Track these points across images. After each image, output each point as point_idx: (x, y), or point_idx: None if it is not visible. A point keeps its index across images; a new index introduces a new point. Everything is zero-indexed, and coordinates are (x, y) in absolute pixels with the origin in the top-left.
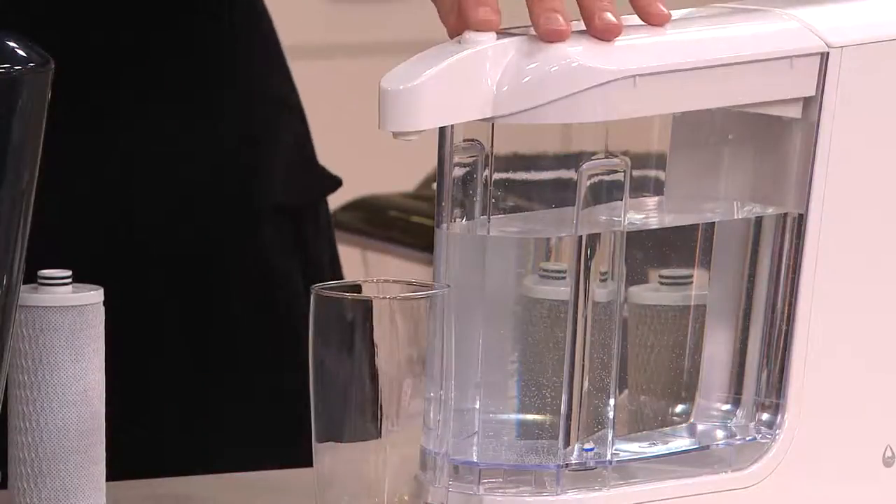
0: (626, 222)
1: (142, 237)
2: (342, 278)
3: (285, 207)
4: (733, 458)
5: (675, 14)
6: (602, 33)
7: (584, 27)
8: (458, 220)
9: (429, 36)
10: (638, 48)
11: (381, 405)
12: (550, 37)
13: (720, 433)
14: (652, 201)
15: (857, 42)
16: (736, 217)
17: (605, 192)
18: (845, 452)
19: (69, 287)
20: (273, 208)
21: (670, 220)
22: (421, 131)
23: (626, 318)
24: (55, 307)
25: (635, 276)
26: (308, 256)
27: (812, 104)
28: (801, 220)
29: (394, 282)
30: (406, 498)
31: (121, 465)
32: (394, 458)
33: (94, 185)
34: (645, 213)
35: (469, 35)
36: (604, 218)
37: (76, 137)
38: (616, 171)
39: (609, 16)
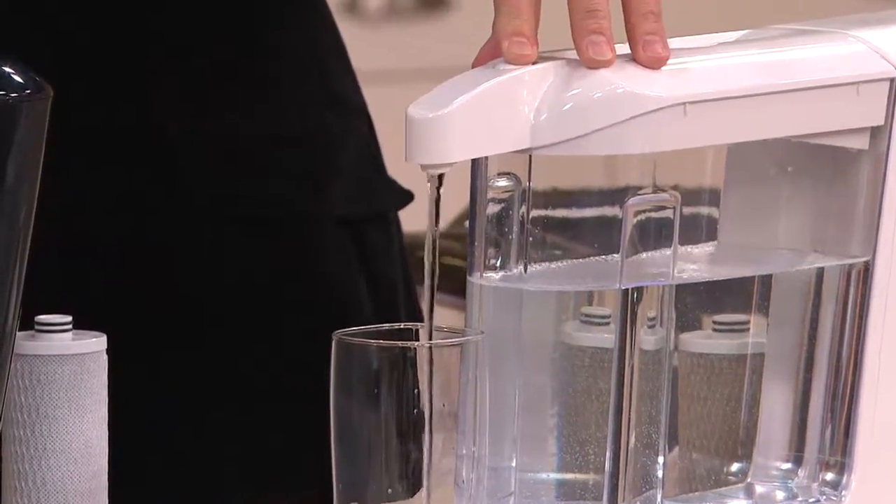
0: (676, 273)
1: (163, 269)
2: (417, 305)
3: (350, 220)
4: None
5: (730, 36)
6: (649, 63)
7: (629, 50)
8: (492, 261)
9: (461, 61)
10: (689, 73)
11: (409, 463)
12: (594, 66)
13: (780, 494)
14: (703, 251)
15: None
16: (796, 269)
17: (652, 232)
18: None
19: (69, 334)
20: (336, 221)
21: (724, 273)
22: (451, 164)
23: (677, 368)
24: (54, 356)
25: (687, 322)
26: (377, 278)
27: (880, 134)
28: (867, 268)
29: (423, 328)
30: None
31: None
32: None
33: (98, 220)
34: (696, 264)
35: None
36: (651, 270)
37: (74, 169)
38: (665, 208)
39: (657, 46)
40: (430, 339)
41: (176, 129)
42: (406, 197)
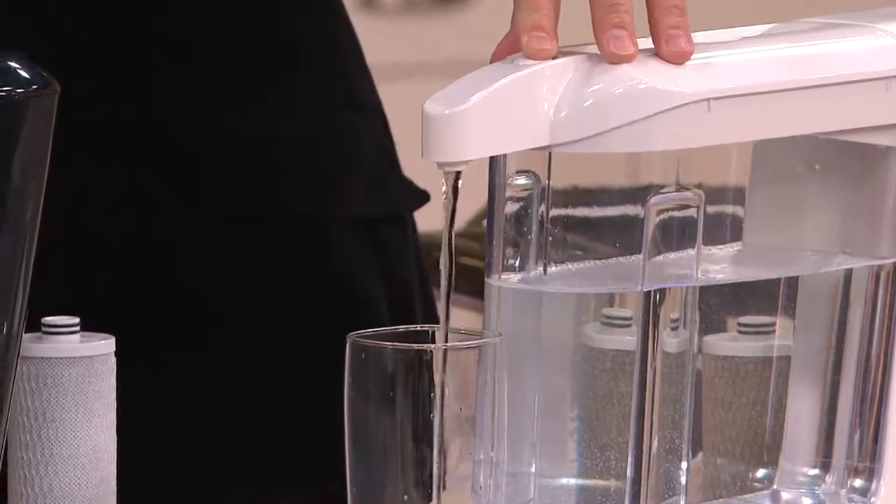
0: (700, 274)
1: (167, 269)
2: (433, 306)
3: (364, 221)
4: None
5: (756, 30)
6: (672, 58)
7: (651, 44)
8: (510, 261)
9: (478, 56)
10: (713, 68)
11: (425, 468)
12: (615, 60)
13: (807, 501)
14: (727, 252)
15: None
16: (823, 271)
17: (675, 232)
18: None
19: (77, 336)
20: (352, 221)
21: (749, 275)
22: (468, 161)
23: (701, 371)
24: (61, 358)
25: (711, 324)
26: (392, 279)
27: None
28: None
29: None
30: None
31: None
32: None
33: (102, 218)
34: (720, 265)
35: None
36: (674, 272)
37: (78, 167)
38: (688, 207)
39: (681, 40)
40: (446, 341)
41: (182, 128)
42: (422, 197)
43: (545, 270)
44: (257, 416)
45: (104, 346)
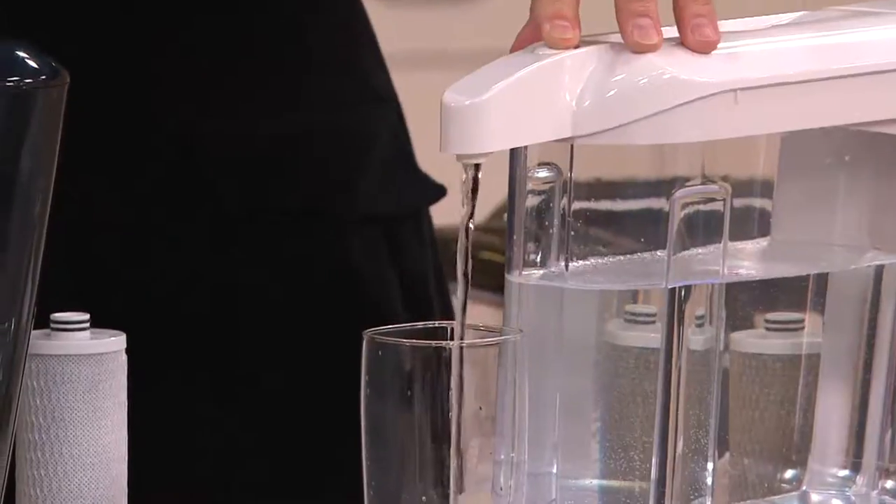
0: (726, 270)
1: (177, 265)
2: (450, 307)
3: (379, 217)
4: None
5: (784, 18)
6: (699, 47)
7: (676, 33)
8: (531, 256)
9: (498, 45)
10: (740, 58)
11: (444, 469)
12: (639, 50)
13: (837, 503)
14: (754, 247)
15: None
16: (853, 268)
17: (701, 226)
18: None
19: (87, 332)
20: (366, 217)
21: (777, 272)
22: (489, 154)
23: (727, 369)
24: (71, 355)
25: (738, 321)
26: (408, 275)
27: None
28: None
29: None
30: None
31: None
32: None
33: (114, 215)
34: (747, 261)
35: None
36: (700, 268)
37: (95, 155)
38: (714, 200)
39: (707, 29)
40: (463, 337)
41: (191, 125)
42: (438, 192)
43: (567, 266)
44: (272, 415)
45: (115, 342)
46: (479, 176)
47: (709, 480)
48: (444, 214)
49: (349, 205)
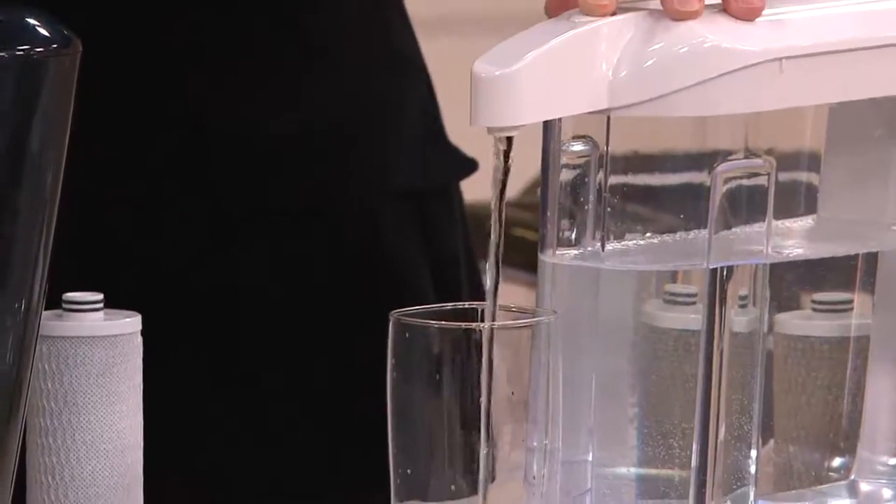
0: (770, 250)
1: (196, 243)
2: (479, 286)
3: (408, 193)
4: None
5: None
6: (742, 14)
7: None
8: (566, 233)
9: (531, 11)
10: (785, 25)
11: (474, 456)
12: (679, 17)
13: (888, 493)
14: (801, 225)
15: None
16: None
17: (745, 201)
18: None
19: (100, 313)
20: (394, 193)
21: (824, 251)
22: (521, 126)
23: (772, 352)
24: (84, 337)
25: (783, 301)
26: (438, 254)
27: None
28: None
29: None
30: None
31: None
32: None
33: (132, 185)
34: (793, 240)
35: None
36: (743, 247)
37: (107, 133)
38: (758, 174)
39: None
40: (493, 319)
41: (218, 112)
42: (469, 166)
43: (603, 245)
44: (295, 398)
45: (130, 324)
46: (511, 150)
47: (752, 469)
48: (474, 190)
49: (375, 180)
